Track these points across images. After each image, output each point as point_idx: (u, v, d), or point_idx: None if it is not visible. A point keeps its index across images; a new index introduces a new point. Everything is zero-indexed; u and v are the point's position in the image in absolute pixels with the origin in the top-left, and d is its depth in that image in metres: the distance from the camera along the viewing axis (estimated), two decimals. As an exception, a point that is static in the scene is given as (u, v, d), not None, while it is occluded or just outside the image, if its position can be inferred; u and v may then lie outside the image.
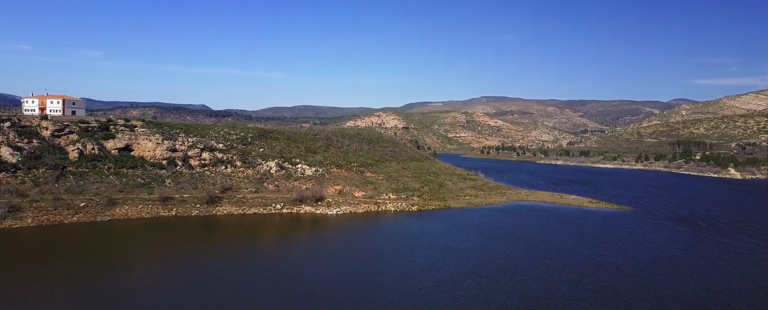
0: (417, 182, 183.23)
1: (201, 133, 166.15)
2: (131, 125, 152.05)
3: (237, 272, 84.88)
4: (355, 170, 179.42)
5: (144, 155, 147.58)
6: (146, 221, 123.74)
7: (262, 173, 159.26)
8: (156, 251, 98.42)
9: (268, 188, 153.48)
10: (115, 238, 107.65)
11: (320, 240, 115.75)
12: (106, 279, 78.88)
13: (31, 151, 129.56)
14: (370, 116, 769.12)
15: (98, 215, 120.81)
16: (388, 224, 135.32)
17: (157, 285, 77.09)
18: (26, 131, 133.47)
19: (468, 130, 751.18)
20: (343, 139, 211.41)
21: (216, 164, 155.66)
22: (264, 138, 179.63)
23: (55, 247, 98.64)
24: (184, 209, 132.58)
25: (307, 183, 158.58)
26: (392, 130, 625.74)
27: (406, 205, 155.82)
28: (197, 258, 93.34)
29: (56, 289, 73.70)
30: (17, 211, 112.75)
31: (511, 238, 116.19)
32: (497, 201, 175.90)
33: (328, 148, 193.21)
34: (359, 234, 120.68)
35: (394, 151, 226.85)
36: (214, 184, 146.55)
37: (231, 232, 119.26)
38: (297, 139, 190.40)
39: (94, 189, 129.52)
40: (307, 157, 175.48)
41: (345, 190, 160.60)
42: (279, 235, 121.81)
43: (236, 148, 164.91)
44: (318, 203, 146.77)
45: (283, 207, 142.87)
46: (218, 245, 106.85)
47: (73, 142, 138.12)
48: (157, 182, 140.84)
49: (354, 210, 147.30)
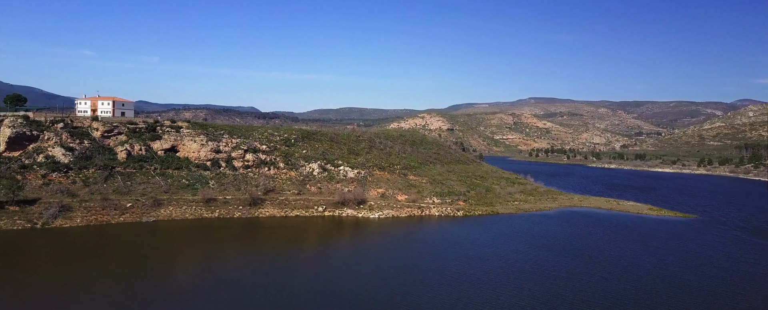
0: (462, 186, 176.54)
1: (245, 134, 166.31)
2: (177, 126, 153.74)
3: (277, 277, 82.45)
4: (398, 173, 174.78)
5: (189, 155, 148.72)
6: (190, 222, 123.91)
7: (305, 174, 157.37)
8: (198, 254, 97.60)
9: (310, 190, 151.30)
10: (159, 239, 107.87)
11: (362, 245, 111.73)
12: (151, 281, 78.25)
13: (82, 152, 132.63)
14: (414, 118, 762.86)
15: (143, 216, 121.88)
16: (432, 230, 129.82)
17: (198, 289, 75.49)
18: (78, 132, 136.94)
19: (515, 132, 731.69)
20: (386, 140, 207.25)
21: (259, 165, 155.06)
22: (307, 139, 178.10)
23: (102, 247, 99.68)
24: (227, 211, 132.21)
25: (349, 185, 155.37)
26: (436, 132, 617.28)
27: (451, 210, 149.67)
28: (238, 262, 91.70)
29: (101, 289, 73.53)
30: (67, 210, 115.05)
31: (565, 248, 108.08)
32: (548, 207, 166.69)
33: (370, 150, 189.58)
34: (402, 240, 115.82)
35: (439, 153, 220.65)
36: (256, 185, 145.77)
37: (273, 235, 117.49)
38: (340, 141, 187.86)
39: (140, 190, 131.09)
40: (349, 159, 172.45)
41: (387, 193, 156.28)
42: (320, 239, 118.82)
43: (279, 150, 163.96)
44: (360, 206, 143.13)
45: (325, 210, 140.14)
46: (260, 248, 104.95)
47: (121, 143, 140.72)
48: (201, 183, 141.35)
49: (397, 214, 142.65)
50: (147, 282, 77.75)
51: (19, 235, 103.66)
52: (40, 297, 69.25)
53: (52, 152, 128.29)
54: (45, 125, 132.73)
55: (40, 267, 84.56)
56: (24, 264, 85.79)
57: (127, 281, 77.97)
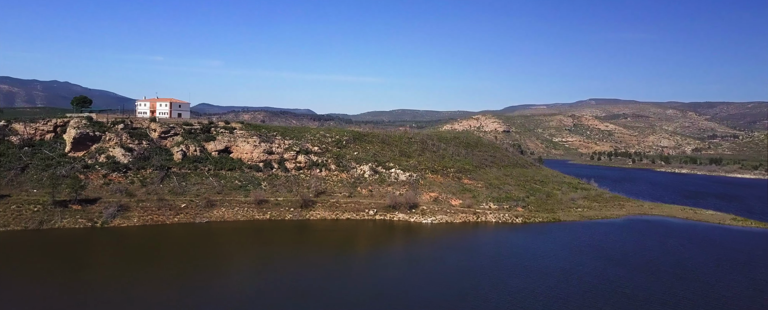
0: (521, 191, 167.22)
1: (297, 135, 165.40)
2: (231, 128, 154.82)
3: (327, 284, 78.95)
4: (452, 176, 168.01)
5: (242, 157, 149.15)
6: (241, 224, 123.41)
7: (356, 177, 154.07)
8: (250, 258, 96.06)
9: (361, 193, 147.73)
10: (212, 241, 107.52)
11: (414, 252, 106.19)
12: (204, 285, 76.95)
13: (141, 153, 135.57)
14: (468, 119, 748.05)
15: (197, 217, 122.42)
16: (488, 238, 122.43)
17: (250, 296, 73.42)
18: (137, 133, 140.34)
19: (575, 134, 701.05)
20: (439, 142, 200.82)
21: (311, 166, 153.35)
22: (358, 141, 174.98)
23: (157, 248, 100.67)
24: (278, 213, 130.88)
25: (401, 189, 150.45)
26: (491, 134, 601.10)
27: (509, 216, 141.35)
28: (290, 267, 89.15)
29: (156, 292, 73.22)
30: (125, 210, 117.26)
31: (639, 261, 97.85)
32: (615, 214, 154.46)
33: (423, 152, 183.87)
34: (457, 248, 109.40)
35: (495, 156, 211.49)
36: (308, 187, 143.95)
37: (324, 238, 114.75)
38: (391, 143, 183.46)
39: (194, 190, 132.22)
40: (401, 161, 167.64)
41: (441, 197, 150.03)
42: (371, 244, 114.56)
43: (331, 152, 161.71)
44: (412, 211, 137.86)
45: (376, 213, 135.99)
46: (311, 252, 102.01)
47: (177, 144, 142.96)
48: (254, 184, 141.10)
49: (450, 220, 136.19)
50: (200, 286, 76.65)
51: (80, 233, 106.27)
52: (102, 297, 69.64)
53: (112, 152, 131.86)
54: (107, 126, 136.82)
55: (100, 266, 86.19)
56: (86, 263, 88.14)
57: (182, 284, 77.21)
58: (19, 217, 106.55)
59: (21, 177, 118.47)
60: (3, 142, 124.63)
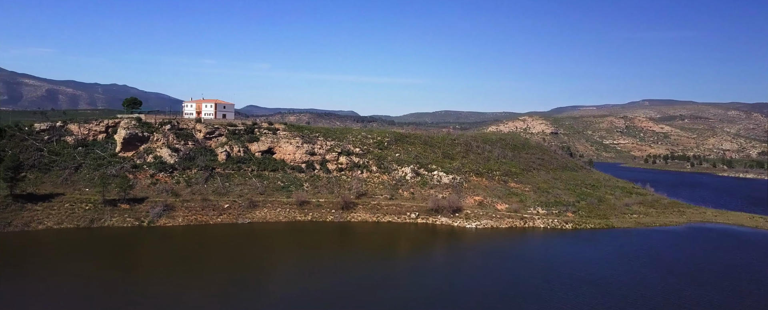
0: (571, 195, 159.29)
1: (339, 136, 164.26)
2: (274, 128, 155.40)
3: (370, 290, 76.54)
4: (498, 179, 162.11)
5: (284, 157, 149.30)
6: (283, 225, 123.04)
7: (397, 178, 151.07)
8: (292, 260, 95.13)
9: (403, 195, 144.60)
10: (254, 242, 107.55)
11: (458, 258, 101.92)
12: (246, 287, 76.37)
13: (186, 153, 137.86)
14: (514, 121, 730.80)
15: (239, 217, 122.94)
16: (536, 245, 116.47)
17: (291, 300, 72.23)
18: (183, 134, 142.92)
19: (627, 136, 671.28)
20: (484, 144, 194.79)
21: (352, 168, 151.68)
22: (400, 142, 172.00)
23: (201, 248, 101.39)
24: (320, 214, 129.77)
25: (444, 192, 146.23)
26: (538, 136, 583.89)
27: (558, 222, 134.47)
28: (330, 270, 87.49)
29: (199, 292, 73.28)
30: (171, 210, 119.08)
31: (707, 276, 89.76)
32: (674, 222, 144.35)
33: (467, 154, 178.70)
34: (503, 255, 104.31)
35: (543, 158, 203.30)
36: (349, 189, 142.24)
37: (365, 241, 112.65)
38: (434, 145, 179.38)
39: (237, 191, 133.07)
40: (444, 163, 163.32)
41: (485, 201, 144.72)
42: (413, 248, 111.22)
43: (372, 153, 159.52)
44: (455, 215, 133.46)
45: (418, 217, 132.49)
46: (352, 256, 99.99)
47: (221, 145, 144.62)
48: (296, 185, 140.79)
49: (496, 225, 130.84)
50: (244, 288, 76.20)
51: (128, 232, 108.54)
52: (151, 296, 70.43)
53: (159, 153, 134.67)
54: (154, 127, 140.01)
55: (148, 265, 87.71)
56: (134, 262, 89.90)
57: (226, 285, 76.89)
58: (72, 215, 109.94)
59: (75, 176, 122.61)
60: (59, 142, 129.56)
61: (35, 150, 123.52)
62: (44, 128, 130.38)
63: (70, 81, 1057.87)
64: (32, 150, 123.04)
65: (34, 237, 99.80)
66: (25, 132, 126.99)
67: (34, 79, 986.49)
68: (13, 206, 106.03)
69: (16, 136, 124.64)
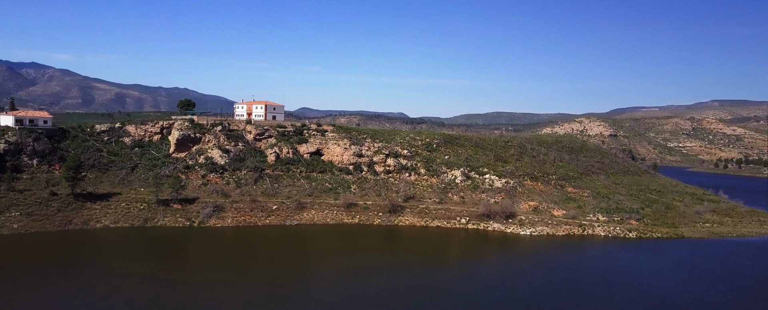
0: (634, 202, 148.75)
1: (387, 138, 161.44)
2: (322, 130, 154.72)
3: (417, 298, 72.99)
4: (554, 184, 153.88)
5: (332, 159, 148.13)
6: (331, 227, 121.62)
7: (447, 182, 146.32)
8: (339, 264, 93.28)
9: (452, 199, 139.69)
10: (302, 244, 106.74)
11: (512, 267, 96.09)
12: (295, 291, 75.52)
13: (237, 154, 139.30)
14: (570, 122, 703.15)
15: (287, 219, 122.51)
16: (597, 254, 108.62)
17: (339, 299, 71.26)
18: (234, 135, 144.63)
19: (695, 139, 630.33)
20: (539, 147, 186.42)
21: (400, 170, 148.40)
22: (450, 145, 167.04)
23: (250, 249, 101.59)
24: (367, 217, 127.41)
25: (496, 196, 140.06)
26: (596, 138, 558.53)
27: (620, 230, 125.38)
28: (378, 276, 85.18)
29: (248, 294, 73.01)
30: (220, 210, 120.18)
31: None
32: (755, 232, 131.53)
33: (520, 157, 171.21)
34: (561, 265, 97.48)
35: (602, 162, 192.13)
36: (397, 191, 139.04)
37: (413, 247, 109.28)
38: (485, 147, 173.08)
39: (286, 192, 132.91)
40: (496, 166, 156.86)
41: (541, 207, 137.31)
42: (463, 255, 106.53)
43: (421, 155, 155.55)
44: (508, 221, 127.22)
45: (469, 222, 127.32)
46: (400, 261, 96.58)
47: (271, 146, 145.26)
48: (343, 187, 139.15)
49: (552, 232, 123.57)
50: (291, 290, 75.42)
51: (179, 232, 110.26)
52: (202, 296, 70.72)
53: (211, 154, 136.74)
54: (206, 128, 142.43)
55: (199, 265, 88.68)
56: (186, 262, 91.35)
57: (271, 289, 76.07)
58: (128, 214, 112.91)
59: (131, 176, 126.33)
60: (118, 142, 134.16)
61: (96, 151, 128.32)
62: (104, 130, 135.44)
63: (137, 85, 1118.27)
64: (93, 150, 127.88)
65: (92, 235, 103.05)
66: (87, 133, 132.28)
67: (105, 83, 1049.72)
68: (74, 205, 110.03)
69: (79, 137, 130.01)
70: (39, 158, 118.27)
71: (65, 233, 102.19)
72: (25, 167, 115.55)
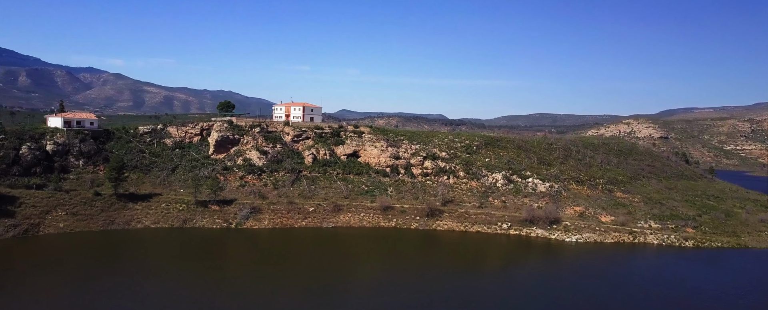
0: (690, 208, 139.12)
1: (425, 140, 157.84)
2: (359, 131, 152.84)
3: (456, 306, 69.34)
4: (601, 188, 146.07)
5: (369, 161, 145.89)
6: (367, 230, 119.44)
7: (487, 185, 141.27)
8: (375, 268, 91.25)
9: (493, 204, 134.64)
10: (339, 247, 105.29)
11: (556, 276, 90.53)
12: (332, 296, 74.11)
13: (274, 156, 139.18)
14: (617, 124, 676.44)
15: (324, 221, 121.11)
16: (650, 265, 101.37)
17: (374, 305, 69.20)
18: (272, 137, 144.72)
19: (755, 141, 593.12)
20: (585, 149, 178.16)
21: (438, 173, 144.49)
22: (491, 147, 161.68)
23: (286, 252, 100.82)
24: (404, 221, 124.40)
25: (540, 201, 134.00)
26: (645, 141, 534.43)
27: (675, 238, 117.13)
28: (415, 282, 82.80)
29: (285, 293, 73.20)
30: (257, 212, 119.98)
31: None
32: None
33: (565, 160, 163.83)
34: (610, 275, 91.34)
35: (653, 166, 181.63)
36: (435, 195, 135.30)
37: (452, 252, 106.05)
38: (528, 149, 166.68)
39: (322, 194, 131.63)
40: (539, 170, 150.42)
41: (587, 212, 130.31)
42: (505, 262, 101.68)
43: (460, 158, 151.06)
44: (553, 227, 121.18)
45: (510, 227, 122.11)
46: (438, 267, 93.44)
47: (308, 148, 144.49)
48: (380, 189, 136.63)
49: (600, 239, 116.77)
50: (324, 295, 74.04)
51: (217, 234, 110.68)
52: (240, 298, 70.44)
53: (249, 155, 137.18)
54: (245, 130, 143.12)
55: (233, 268, 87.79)
56: (224, 263, 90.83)
57: (306, 293, 75.05)
58: (167, 215, 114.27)
59: (171, 177, 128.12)
60: (160, 144, 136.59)
61: (138, 152, 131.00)
62: (147, 131, 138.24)
63: (184, 88, 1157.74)
64: (135, 151, 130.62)
65: (133, 235, 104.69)
66: (130, 135, 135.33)
67: (155, 87, 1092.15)
68: (116, 205, 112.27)
69: (123, 139, 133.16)
70: (85, 159, 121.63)
71: (108, 233, 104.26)
72: (72, 168, 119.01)
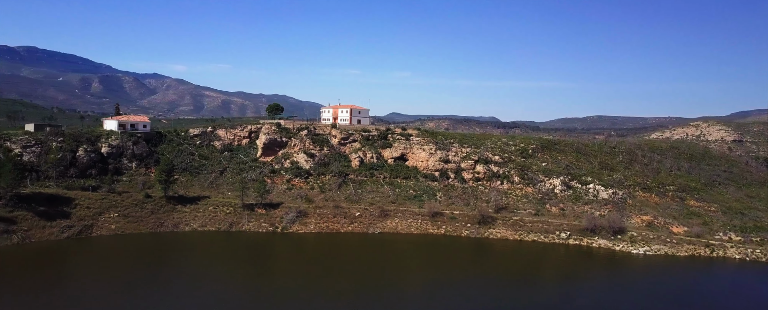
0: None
1: (476, 143, 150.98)
2: (407, 134, 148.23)
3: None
4: (671, 196, 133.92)
5: (417, 165, 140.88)
6: (415, 237, 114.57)
7: (544, 191, 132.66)
8: (424, 278, 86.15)
9: (551, 211, 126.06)
10: (386, 254, 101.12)
11: (623, 293, 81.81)
12: (379, 301, 71.65)
13: (321, 158, 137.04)
14: (684, 127, 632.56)
15: (370, 227, 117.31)
16: (732, 283, 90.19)
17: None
18: (319, 139, 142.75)
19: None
20: (652, 153, 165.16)
21: (490, 178, 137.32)
22: (547, 150, 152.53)
23: (333, 258, 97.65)
24: (454, 228, 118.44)
25: (602, 209, 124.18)
26: (717, 144, 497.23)
27: (761, 252, 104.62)
28: (466, 294, 76.73)
29: (332, 301, 70.83)
30: (304, 216, 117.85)
31: None
32: None
33: (630, 164, 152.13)
34: (685, 293, 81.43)
35: (731, 171, 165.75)
36: (487, 201, 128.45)
37: (506, 263, 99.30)
38: (588, 153, 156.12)
39: (369, 198, 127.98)
40: (601, 175, 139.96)
41: (657, 222, 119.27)
42: (564, 275, 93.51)
43: (514, 162, 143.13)
44: (617, 237, 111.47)
45: (570, 237, 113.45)
46: (491, 278, 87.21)
47: (355, 151, 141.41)
48: (429, 194, 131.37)
49: (672, 252, 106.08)
50: (374, 306, 70.65)
51: (263, 237, 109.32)
52: (287, 304, 68.97)
53: (296, 158, 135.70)
54: (292, 132, 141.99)
55: (279, 273, 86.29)
56: (266, 269, 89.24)
57: (355, 303, 71.63)
58: (215, 218, 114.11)
59: (219, 179, 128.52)
60: (209, 146, 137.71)
61: (188, 154, 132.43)
62: (197, 134, 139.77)
63: (240, 92, 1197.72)
64: (186, 154, 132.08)
65: (181, 238, 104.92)
66: (181, 137, 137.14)
67: (213, 91, 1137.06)
68: (166, 207, 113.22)
69: (174, 141, 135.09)
70: (137, 161, 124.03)
71: (157, 235, 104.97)
72: (125, 170, 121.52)
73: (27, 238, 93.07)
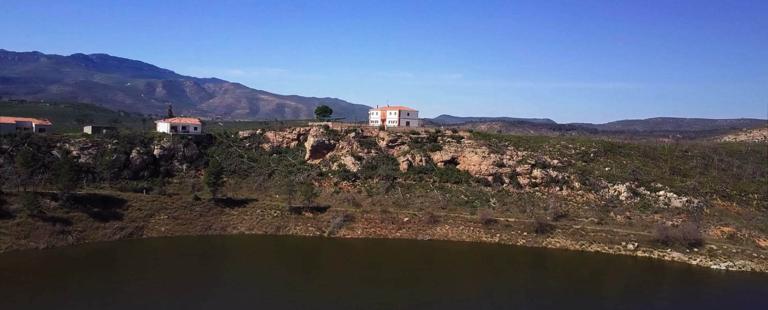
0: None
1: (532, 146, 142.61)
2: (458, 137, 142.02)
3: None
4: (756, 205, 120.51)
5: (469, 169, 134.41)
6: (467, 245, 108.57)
7: (608, 198, 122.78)
8: (478, 292, 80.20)
9: (616, 220, 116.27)
10: (436, 264, 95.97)
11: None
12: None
13: (369, 161, 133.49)
14: (759, 129, 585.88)
15: (419, 233, 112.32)
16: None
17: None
18: (367, 142, 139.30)
19: None
20: (730, 158, 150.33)
21: (548, 183, 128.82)
22: (611, 154, 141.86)
23: (381, 264, 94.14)
24: (509, 237, 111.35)
25: (674, 218, 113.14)
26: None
27: None
28: (523, 304, 70.84)
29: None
30: (351, 220, 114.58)
31: None
32: None
33: (705, 170, 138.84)
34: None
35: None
36: (545, 208, 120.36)
37: (566, 275, 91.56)
38: (657, 157, 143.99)
39: (418, 203, 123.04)
40: (673, 181, 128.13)
41: (740, 234, 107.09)
42: (631, 291, 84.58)
43: (574, 166, 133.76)
44: (693, 250, 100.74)
45: (638, 248, 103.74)
46: (549, 292, 79.93)
47: (403, 154, 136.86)
48: (481, 200, 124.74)
49: (759, 268, 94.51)
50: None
51: (310, 242, 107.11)
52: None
53: (343, 161, 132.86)
54: (340, 135, 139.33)
55: (327, 280, 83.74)
56: (314, 274, 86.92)
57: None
58: (262, 221, 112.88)
59: (268, 182, 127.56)
60: (258, 149, 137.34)
61: (237, 156, 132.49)
62: (246, 136, 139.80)
63: (294, 96, 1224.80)
64: (235, 156, 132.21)
65: (229, 241, 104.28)
66: (231, 140, 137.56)
67: (268, 95, 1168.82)
68: (214, 210, 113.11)
69: (223, 143, 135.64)
70: (188, 163, 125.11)
71: (205, 238, 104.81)
72: (176, 172, 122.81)
73: (81, 238, 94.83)
